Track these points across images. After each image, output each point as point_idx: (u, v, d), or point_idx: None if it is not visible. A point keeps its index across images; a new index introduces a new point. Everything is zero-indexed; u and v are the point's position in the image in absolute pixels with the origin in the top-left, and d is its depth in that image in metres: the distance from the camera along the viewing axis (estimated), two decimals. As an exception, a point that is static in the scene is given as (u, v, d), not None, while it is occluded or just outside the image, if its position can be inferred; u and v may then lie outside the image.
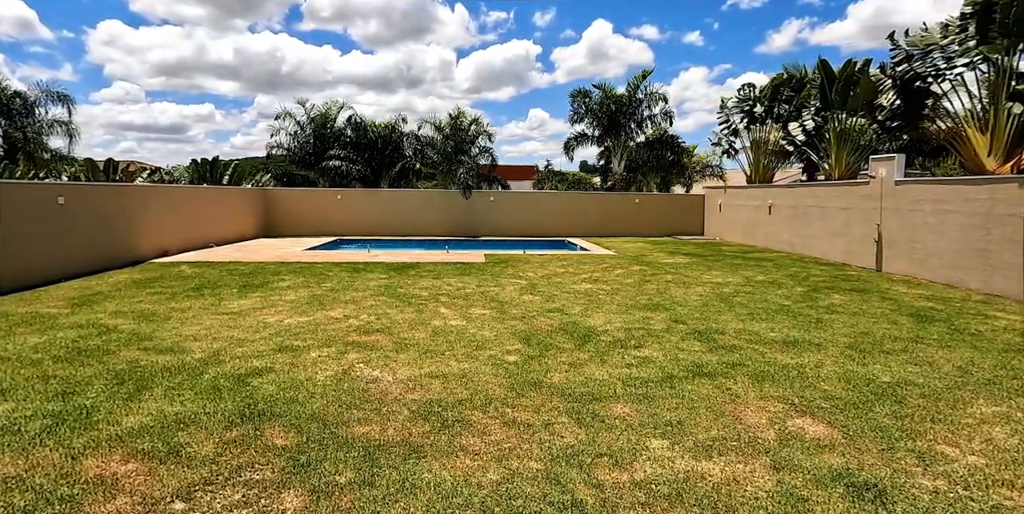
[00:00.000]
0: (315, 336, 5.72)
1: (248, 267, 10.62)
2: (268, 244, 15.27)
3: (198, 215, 13.88)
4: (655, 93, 19.96)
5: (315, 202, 18.55)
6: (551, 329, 6.28)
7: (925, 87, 10.87)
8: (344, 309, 7.08)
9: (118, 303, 7.18)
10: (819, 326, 6.60)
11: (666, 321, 6.74)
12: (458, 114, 19.16)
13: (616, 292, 8.64)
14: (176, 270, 10.12)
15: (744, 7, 59.49)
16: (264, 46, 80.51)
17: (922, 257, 10.47)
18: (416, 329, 6.12)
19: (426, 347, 5.42)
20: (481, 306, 7.44)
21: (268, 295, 7.91)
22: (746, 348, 5.65)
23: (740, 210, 17.67)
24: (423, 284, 9.07)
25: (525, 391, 4.30)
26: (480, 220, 19.17)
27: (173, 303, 7.26)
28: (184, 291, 8.08)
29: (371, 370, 4.67)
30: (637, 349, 5.55)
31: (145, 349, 5.12)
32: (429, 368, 4.77)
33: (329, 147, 20.66)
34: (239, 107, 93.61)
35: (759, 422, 3.89)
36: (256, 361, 4.82)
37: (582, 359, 5.17)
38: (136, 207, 11.40)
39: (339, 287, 8.64)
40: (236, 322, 6.28)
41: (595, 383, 4.53)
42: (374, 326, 6.21)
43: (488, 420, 3.73)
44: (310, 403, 3.88)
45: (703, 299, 8.15)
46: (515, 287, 8.98)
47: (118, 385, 4.17)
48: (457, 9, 70.36)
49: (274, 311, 6.90)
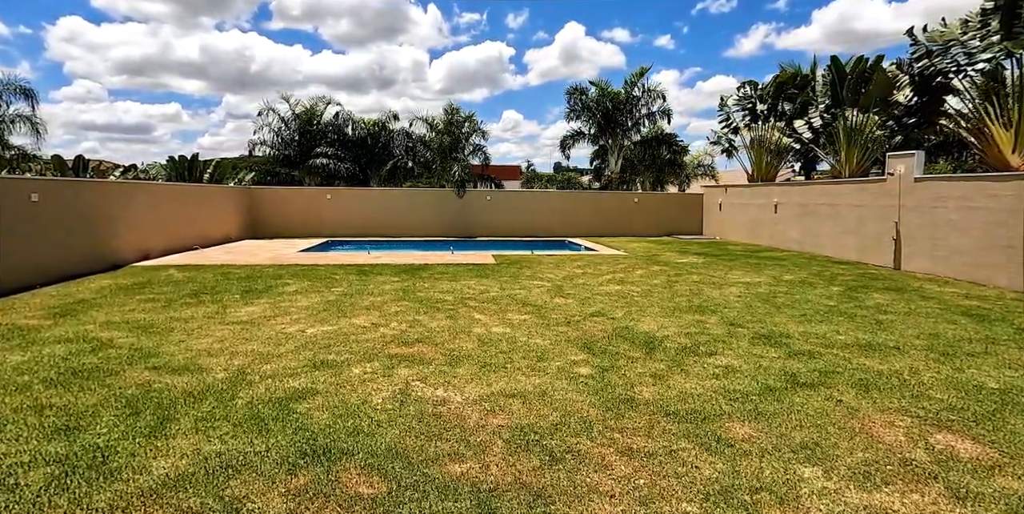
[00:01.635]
0: (349, 348, 5.00)
1: (243, 270, 9.73)
2: (257, 245, 14.28)
3: (181, 215, 12.84)
4: (654, 90, 19.66)
5: (303, 201, 17.57)
6: (606, 335, 5.70)
7: (945, 83, 10.71)
8: (368, 316, 6.35)
9: (107, 312, 6.29)
10: (882, 328, 6.20)
11: (722, 325, 6.25)
12: (453, 110, 18.45)
13: (649, 293, 8.13)
14: (164, 274, 9.17)
15: (713, 12, 60.56)
16: (232, 45, 77.96)
17: (944, 254, 10.28)
18: (459, 338, 5.46)
19: (481, 359, 4.76)
20: (517, 311, 6.81)
21: (277, 301, 7.11)
22: (825, 353, 5.18)
23: (743, 209, 17.44)
24: (442, 287, 8.39)
25: (622, 410, 3.70)
26: (476, 220, 18.49)
27: (171, 311, 6.40)
28: (180, 297, 7.21)
29: (432, 389, 4.00)
30: (711, 357, 5.02)
31: (154, 368, 4.33)
32: (498, 385, 4.12)
33: (316, 145, 19.69)
34: (206, 107, 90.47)
35: (898, 440, 3.40)
36: (293, 381, 4.09)
37: (660, 370, 4.60)
38: (117, 206, 10.37)
39: (352, 291, 7.88)
40: (251, 333, 5.50)
41: (693, 398, 3.96)
42: (411, 335, 5.52)
43: (601, 449, 3.12)
44: (380, 434, 3.20)
45: (743, 300, 7.70)
46: (540, 289, 8.37)
47: (133, 416, 3.40)
48: (430, 10, 69.55)
49: (290, 320, 6.12)
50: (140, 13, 65.80)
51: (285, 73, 75.66)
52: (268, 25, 72.89)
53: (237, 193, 16.21)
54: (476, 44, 77.75)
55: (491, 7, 68.83)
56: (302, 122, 19.79)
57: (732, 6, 58.65)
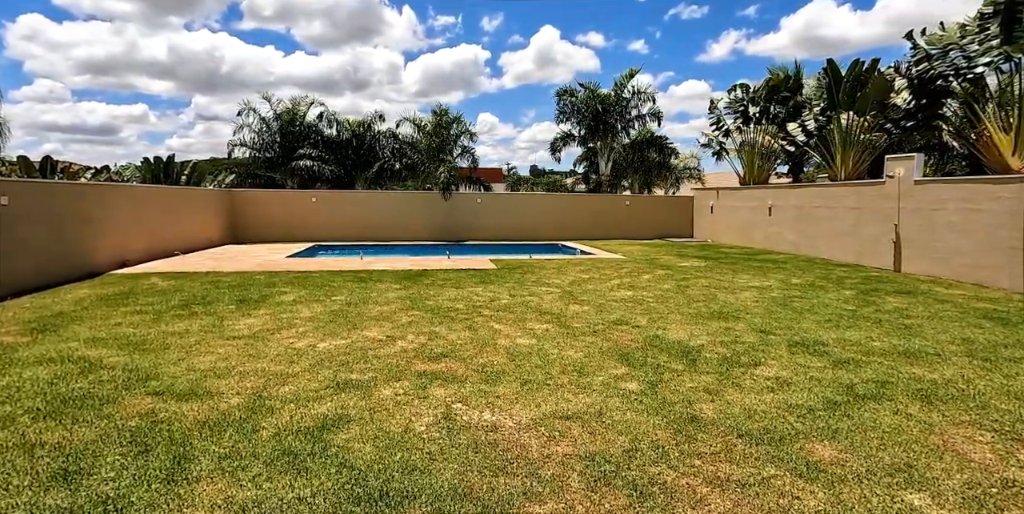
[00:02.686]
0: (370, 365, 4.57)
1: (232, 278, 9.13)
2: (241, 251, 13.60)
3: (161, 219, 12.11)
4: (644, 92, 19.57)
5: (287, 205, 16.89)
6: (638, 346, 5.39)
7: (944, 87, 10.79)
8: (380, 328, 5.91)
9: (92, 327, 5.70)
10: (912, 333, 6.05)
11: (751, 332, 6.01)
12: (442, 111, 18.03)
13: (664, 299, 7.87)
14: (147, 283, 8.52)
15: (685, 18, 61.58)
16: (202, 45, 75.72)
17: (944, 257, 10.32)
18: (486, 351, 5.07)
19: (518, 375, 4.39)
20: (535, 320, 6.46)
21: (277, 312, 6.60)
22: (869, 361, 4.98)
23: (735, 211, 17.44)
24: (449, 295, 7.98)
25: (691, 432, 3.38)
26: (466, 223, 18.07)
27: (163, 325, 5.85)
28: (170, 309, 6.64)
29: (478, 412, 3.61)
30: (757, 367, 4.76)
31: (156, 393, 3.83)
32: (548, 406, 3.76)
33: (298, 146, 19.01)
34: (175, 108, 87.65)
35: (987, 457, 3.18)
36: (319, 406, 3.65)
37: (711, 384, 4.31)
38: (93, 210, 9.65)
39: (356, 300, 7.41)
40: (257, 349, 5.01)
41: (759, 416, 3.67)
42: (433, 349, 5.11)
43: (687, 480, 2.79)
44: (438, 470, 2.80)
45: (762, 305, 7.50)
46: (552, 296, 8.04)
47: (142, 455, 2.92)
48: (405, 11, 68.86)
49: (296, 333, 5.65)
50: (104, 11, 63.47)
51: (257, 74, 73.89)
52: (239, 25, 71.11)
53: (218, 196, 15.46)
54: (451, 47, 77.29)
55: (466, 10, 68.54)
56: (284, 123, 19.09)
57: (704, 12, 59.81)
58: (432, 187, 17.91)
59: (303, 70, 77.82)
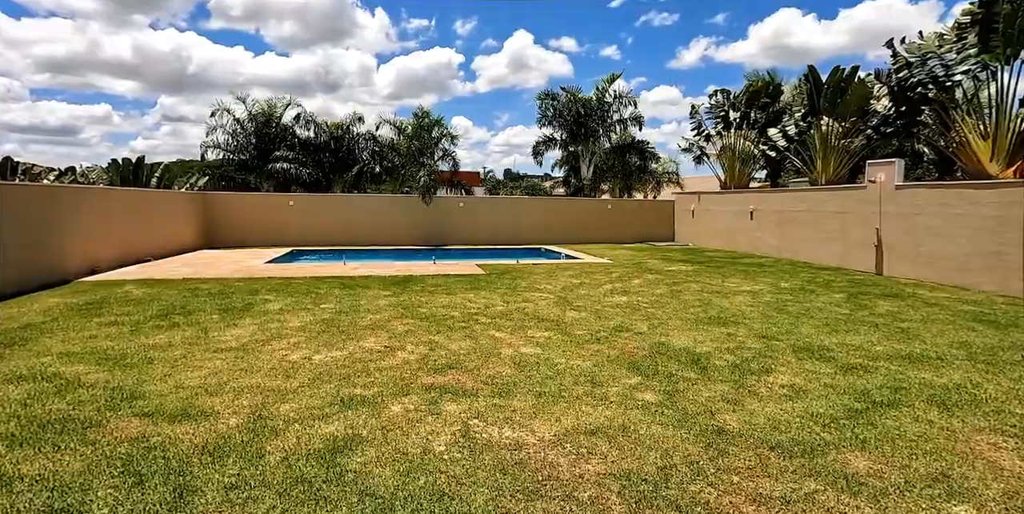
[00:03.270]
0: (373, 379, 4.33)
1: (212, 285, 8.71)
2: (216, 256, 13.06)
3: (133, 223, 11.54)
4: (625, 97, 19.67)
5: (264, 208, 16.36)
6: (646, 353, 5.28)
7: (924, 94, 11.08)
8: (376, 337, 5.66)
9: (64, 340, 5.29)
10: (910, 337, 6.11)
11: (754, 338, 5.97)
12: (423, 114, 17.76)
13: (660, 304, 7.81)
14: (121, 291, 8.05)
15: (656, 25, 62.83)
16: (168, 44, 73.52)
17: (927, 260, 10.55)
18: (492, 362, 4.88)
19: (530, 387, 4.22)
20: (535, 327, 6.30)
21: (264, 322, 6.28)
22: (876, 367, 4.97)
23: (717, 215, 17.63)
24: (441, 301, 7.76)
25: (721, 445, 3.26)
26: (447, 227, 17.82)
27: (142, 337, 5.47)
28: (149, 319, 6.24)
29: (497, 429, 3.42)
30: (769, 375, 4.70)
31: (145, 414, 3.52)
32: (568, 420, 3.59)
33: (274, 148, 18.48)
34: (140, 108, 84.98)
35: (1017, 464, 3.18)
36: (326, 425, 3.41)
37: (728, 393, 4.21)
38: (61, 213, 9.10)
39: (346, 308, 7.12)
40: (249, 362, 4.71)
41: (785, 426, 3.59)
42: (436, 360, 4.90)
43: (731, 498, 2.65)
44: (467, 496, 2.60)
45: (757, 310, 7.50)
46: (546, 302, 7.90)
47: (137, 487, 2.64)
48: (378, 14, 68.25)
49: (288, 344, 5.35)
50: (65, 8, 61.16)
51: (225, 74, 72.24)
52: (207, 25, 69.36)
53: (191, 199, 14.86)
54: (425, 50, 76.84)
55: (440, 13, 68.36)
56: (259, 124, 18.54)
57: (674, 19, 61.16)
58: (410, 190, 17.62)
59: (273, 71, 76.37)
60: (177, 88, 78.00)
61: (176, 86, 77.25)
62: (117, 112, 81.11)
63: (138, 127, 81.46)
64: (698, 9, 60.99)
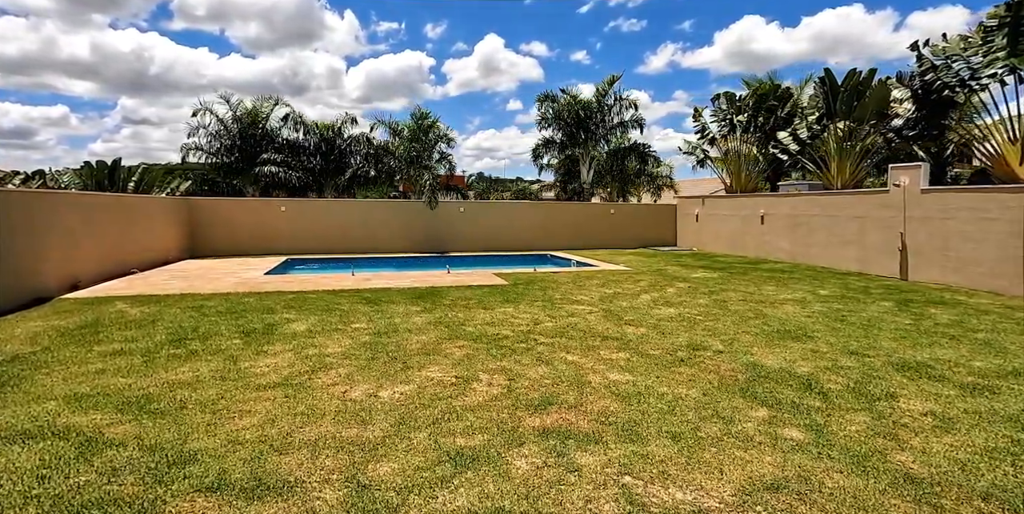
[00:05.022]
0: (468, 423, 3.61)
1: (216, 302, 7.78)
2: (206, 267, 11.99)
3: (115, 232, 10.42)
4: (625, 99, 19.30)
5: (253, 214, 15.28)
6: (745, 377, 4.72)
7: (950, 97, 10.94)
8: (438, 366, 4.93)
9: (66, 377, 4.38)
10: (998, 350, 5.74)
11: (842, 354, 5.51)
12: (422, 115, 16.98)
13: (713, 317, 7.30)
14: (113, 310, 7.05)
15: (625, 30, 63.43)
16: (129, 45, 70.23)
17: (956, 265, 10.37)
18: (589, 394, 4.22)
19: (659, 428, 3.58)
20: (604, 347, 5.67)
21: (297, 347, 5.46)
22: (997, 386, 4.58)
23: (724, 220, 17.35)
24: (481, 317, 7.05)
25: (929, 498, 2.69)
26: (447, 233, 17.06)
27: (162, 371, 4.60)
28: (160, 346, 5.34)
29: (662, 489, 2.77)
30: (896, 399, 4.23)
31: (210, 489, 2.72)
32: (736, 473, 2.96)
33: (261, 150, 17.39)
34: (99, 110, 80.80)
35: None
36: (452, 495, 2.68)
37: (872, 425, 3.71)
38: (37, 222, 8.02)
39: (382, 328, 6.35)
40: (306, 403, 3.93)
41: (970, 468, 3.06)
42: (526, 394, 4.20)
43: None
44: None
45: (819, 321, 7.06)
46: (593, 316, 7.29)
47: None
48: (347, 16, 66.79)
49: (339, 376, 4.57)
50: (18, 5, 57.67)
51: (188, 76, 69.36)
52: (169, 25, 66.50)
53: (175, 205, 13.70)
54: (395, 53, 75.55)
55: (410, 16, 67.30)
56: (244, 125, 17.42)
57: (643, 25, 61.87)
58: (399, 195, 16.81)
59: (239, 73, 73.76)
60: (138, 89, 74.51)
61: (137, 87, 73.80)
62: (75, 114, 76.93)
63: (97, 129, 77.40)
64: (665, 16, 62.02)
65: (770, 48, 64.98)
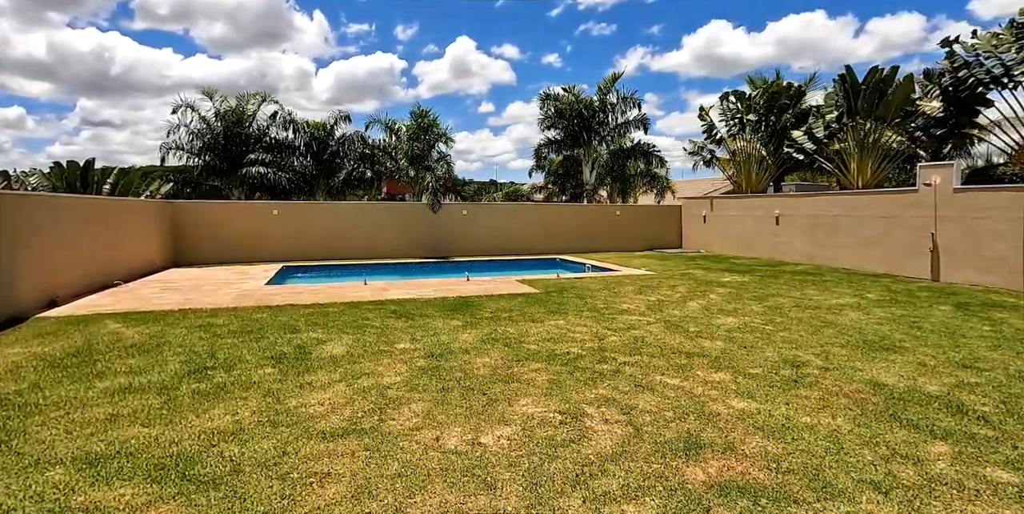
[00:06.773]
0: (616, 480, 2.83)
1: (225, 319, 6.77)
2: (196, 276, 10.84)
3: (95, 239, 9.25)
4: (629, 98, 18.76)
5: (242, 218, 14.13)
6: (882, 400, 4.13)
7: (982, 94, 10.67)
8: (529, 398, 4.12)
9: (68, 428, 3.41)
10: (1120, 362, 5.24)
11: (953, 367, 5.02)
12: (422, 113, 16.08)
13: (784, 327, 6.70)
14: (105, 332, 5.99)
15: (595, 34, 63.65)
16: (88, 44, 66.75)
17: (991, 266, 10.08)
18: (732, 431, 3.49)
19: (848, 474, 2.87)
20: (696, 367, 4.97)
21: (346, 377, 4.57)
22: None
23: (735, 221, 16.93)
24: (536, 332, 6.27)
25: None
26: (450, 237, 16.19)
27: (191, 415, 3.67)
28: (178, 380, 4.38)
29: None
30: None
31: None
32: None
33: (248, 150, 16.21)
34: (56, 112, 76.62)
35: None
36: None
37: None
38: (13, 226, 6.88)
39: (432, 348, 5.50)
40: (397, 457, 3.08)
41: None
42: (661, 435, 3.44)
43: None
44: None
45: (897, 329, 6.54)
46: (655, 328, 6.60)
47: None
48: (316, 17, 65.04)
49: (415, 416, 3.73)
50: (-34, 3, 54.07)
51: (151, 77, 66.32)
52: (130, 25, 63.48)
53: (157, 209, 12.48)
54: (366, 55, 73.94)
55: (380, 18, 66.00)
56: (229, 123, 16.22)
57: (612, 29, 62.21)
58: (414, 196, 15.88)
59: (205, 74, 70.90)
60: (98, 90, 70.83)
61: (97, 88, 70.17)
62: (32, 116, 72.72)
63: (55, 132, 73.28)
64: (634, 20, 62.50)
65: (737, 52, 66.16)
